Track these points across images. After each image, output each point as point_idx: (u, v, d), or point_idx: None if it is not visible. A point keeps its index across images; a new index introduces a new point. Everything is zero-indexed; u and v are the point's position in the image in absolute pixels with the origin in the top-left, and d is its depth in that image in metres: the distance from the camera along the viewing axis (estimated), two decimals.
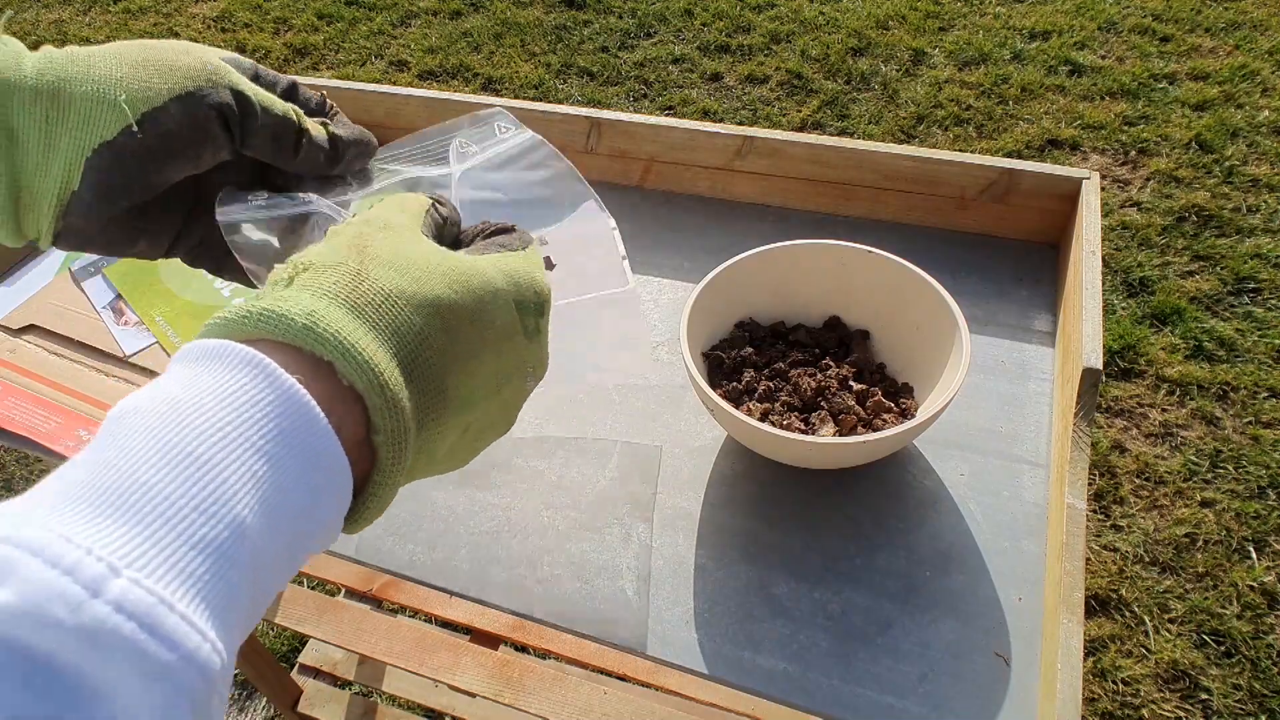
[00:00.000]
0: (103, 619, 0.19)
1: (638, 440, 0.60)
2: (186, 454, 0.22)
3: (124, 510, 0.21)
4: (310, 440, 0.25)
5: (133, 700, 0.19)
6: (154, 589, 0.20)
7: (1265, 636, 1.22)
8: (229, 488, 0.22)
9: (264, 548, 0.23)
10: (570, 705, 0.92)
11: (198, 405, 0.23)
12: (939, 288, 0.55)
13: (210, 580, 0.21)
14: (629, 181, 0.80)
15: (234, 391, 0.24)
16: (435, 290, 0.29)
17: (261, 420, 0.24)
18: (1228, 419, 1.48)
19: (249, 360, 0.24)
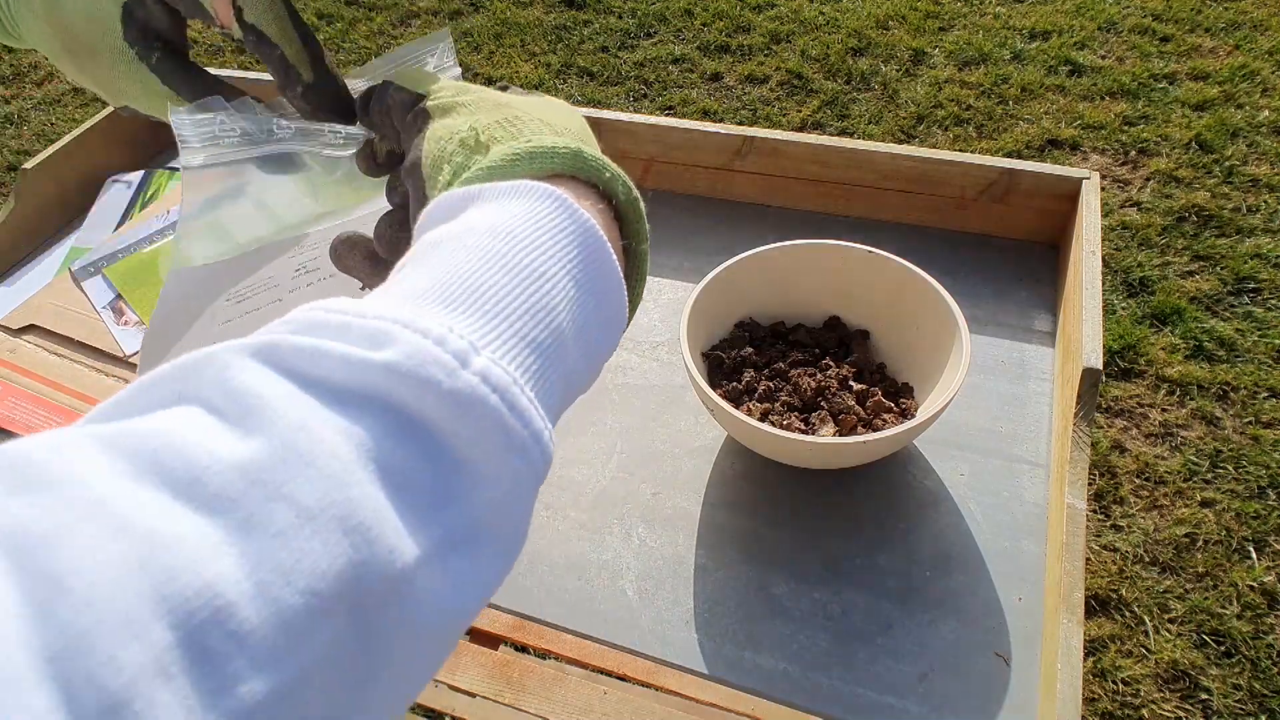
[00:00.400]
0: (473, 387, 0.21)
1: (638, 440, 0.60)
2: (520, 265, 0.24)
3: (472, 306, 0.23)
4: (603, 267, 0.27)
5: (492, 469, 0.21)
6: (509, 370, 0.22)
7: (1265, 636, 1.22)
8: (554, 299, 0.24)
9: (572, 360, 0.25)
10: (570, 705, 0.92)
11: (519, 230, 0.25)
12: (939, 288, 0.55)
13: (538, 376, 0.23)
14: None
15: (545, 218, 0.26)
16: (564, 113, 0.34)
17: (569, 245, 0.26)
18: (1228, 419, 1.48)
19: (549, 194, 0.26)
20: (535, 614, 0.52)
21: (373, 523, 0.18)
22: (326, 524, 0.18)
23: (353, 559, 0.18)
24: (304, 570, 0.17)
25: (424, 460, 0.20)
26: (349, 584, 0.18)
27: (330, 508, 0.18)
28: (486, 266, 0.24)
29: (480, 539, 0.21)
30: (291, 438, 0.18)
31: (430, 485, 0.20)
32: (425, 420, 0.20)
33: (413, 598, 0.19)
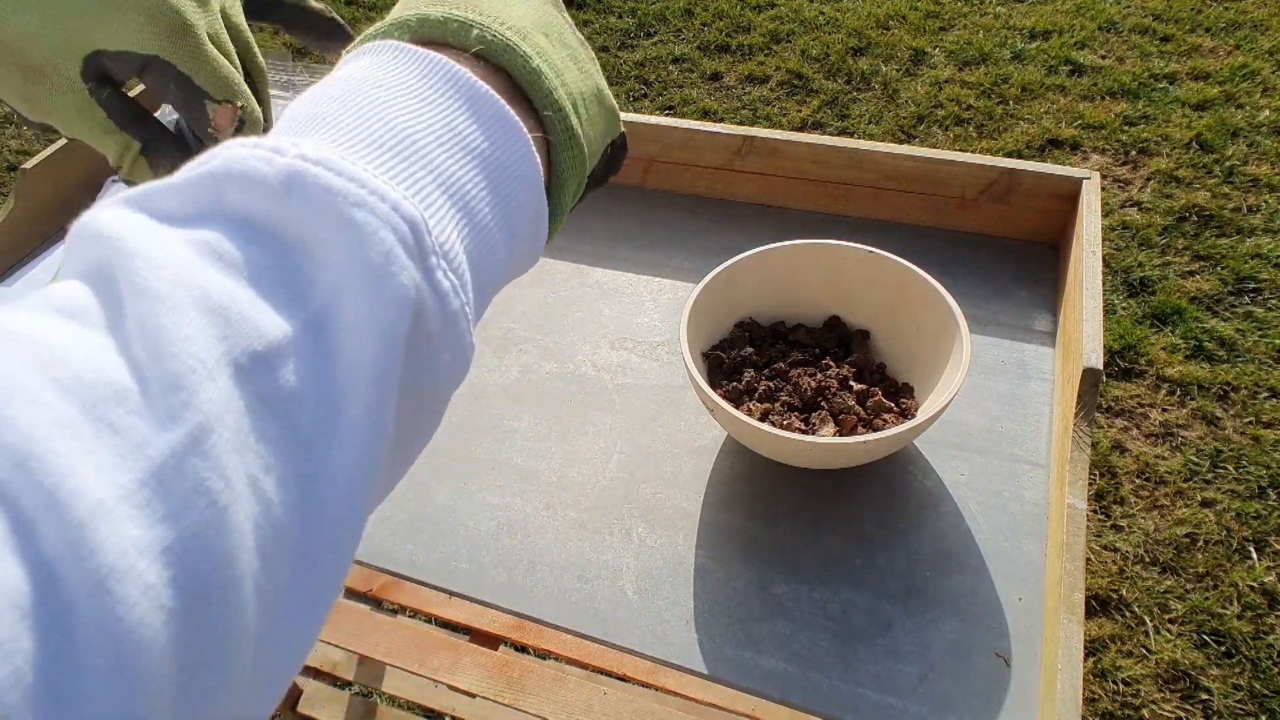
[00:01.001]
0: (292, 165, 0.20)
1: (638, 440, 0.60)
2: (351, 92, 0.24)
3: (310, 129, 0.23)
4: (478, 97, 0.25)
5: (334, 234, 0.20)
6: (333, 150, 0.21)
7: (1265, 637, 1.22)
8: (391, 109, 0.24)
9: (446, 164, 0.24)
10: (570, 705, 0.92)
11: (355, 72, 0.25)
12: (939, 288, 0.55)
13: (396, 163, 0.22)
14: (629, 181, 0.80)
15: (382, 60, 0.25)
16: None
17: (408, 67, 0.25)
18: (1228, 419, 1.48)
19: (388, 46, 0.26)
20: (535, 614, 0.52)
21: (228, 303, 0.19)
22: (179, 305, 0.18)
23: (217, 334, 0.19)
24: (172, 340, 0.18)
25: (271, 255, 0.20)
26: (220, 354, 0.19)
27: (180, 291, 0.19)
28: (319, 103, 0.24)
29: (341, 311, 0.21)
30: (144, 250, 0.19)
31: (283, 277, 0.20)
32: (261, 217, 0.21)
33: (293, 372, 0.20)
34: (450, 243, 0.23)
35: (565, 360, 0.66)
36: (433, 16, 0.27)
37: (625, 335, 0.68)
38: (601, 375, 0.65)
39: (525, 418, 0.62)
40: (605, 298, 0.71)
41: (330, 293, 0.21)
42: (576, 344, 0.67)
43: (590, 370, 0.65)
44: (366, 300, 0.20)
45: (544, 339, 0.68)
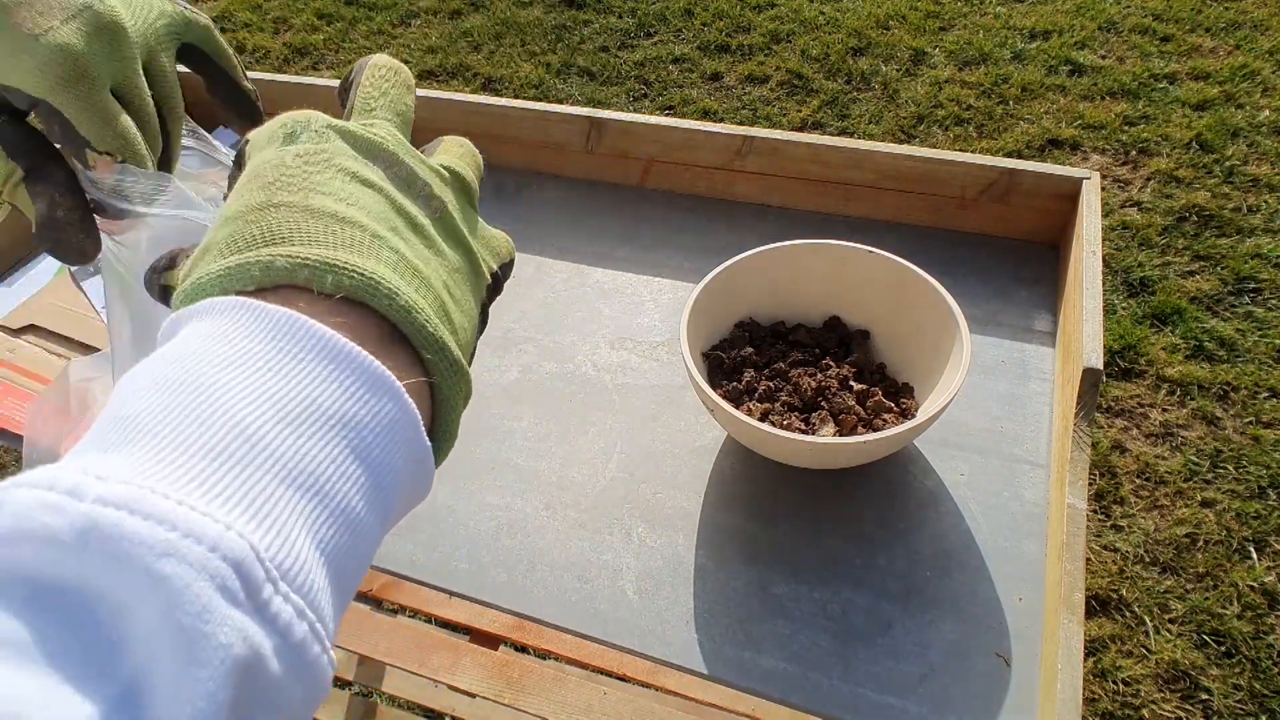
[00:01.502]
0: (87, 514, 0.18)
1: (638, 440, 0.60)
2: (171, 383, 0.21)
3: (108, 442, 0.20)
4: (317, 347, 0.22)
5: (138, 590, 0.18)
6: (143, 484, 0.19)
7: (1265, 637, 1.22)
8: (222, 399, 0.21)
9: (291, 449, 0.21)
10: (570, 705, 0.92)
11: (183, 349, 0.22)
12: (939, 288, 0.55)
13: (211, 474, 0.20)
14: (629, 181, 0.80)
15: (220, 329, 0.23)
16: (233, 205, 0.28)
17: (254, 345, 0.22)
18: (1228, 419, 1.48)
19: (233, 305, 0.23)
20: (535, 614, 0.52)
21: (16, 711, 0.16)
22: None
23: None
24: None
25: (67, 625, 0.18)
26: None
27: None
28: (139, 396, 0.21)
29: (154, 680, 0.18)
30: None
31: (83, 651, 0.17)
32: (53, 578, 0.18)
33: None
34: (296, 556, 0.20)
35: (565, 360, 0.66)
36: (277, 265, 0.24)
37: (625, 335, 0.68)
38: (601, 375, 0.65)
39: (525, 418, 0.62)
40: (605, 298, 0.71)
41: (142, 656, 0.18)
42: (576, 344, 0.67)
43: (590, 370, 0.65)
44: (179, 666, 0.17)
45: (544, 339, 0.68)
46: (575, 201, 0.79)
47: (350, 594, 0.23)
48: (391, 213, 0.27)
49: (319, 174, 0.27)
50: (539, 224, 0.77)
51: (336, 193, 0.26)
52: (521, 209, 0.79)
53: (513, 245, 0.33)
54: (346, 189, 0.27)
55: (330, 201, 0.26)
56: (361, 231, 0.25)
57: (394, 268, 0.25)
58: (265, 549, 0.19)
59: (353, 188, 0.27)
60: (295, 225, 0.25)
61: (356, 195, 0.27)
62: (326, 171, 0.27)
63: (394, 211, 0.27)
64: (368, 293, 0.24)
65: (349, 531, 0.22)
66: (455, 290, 0.28)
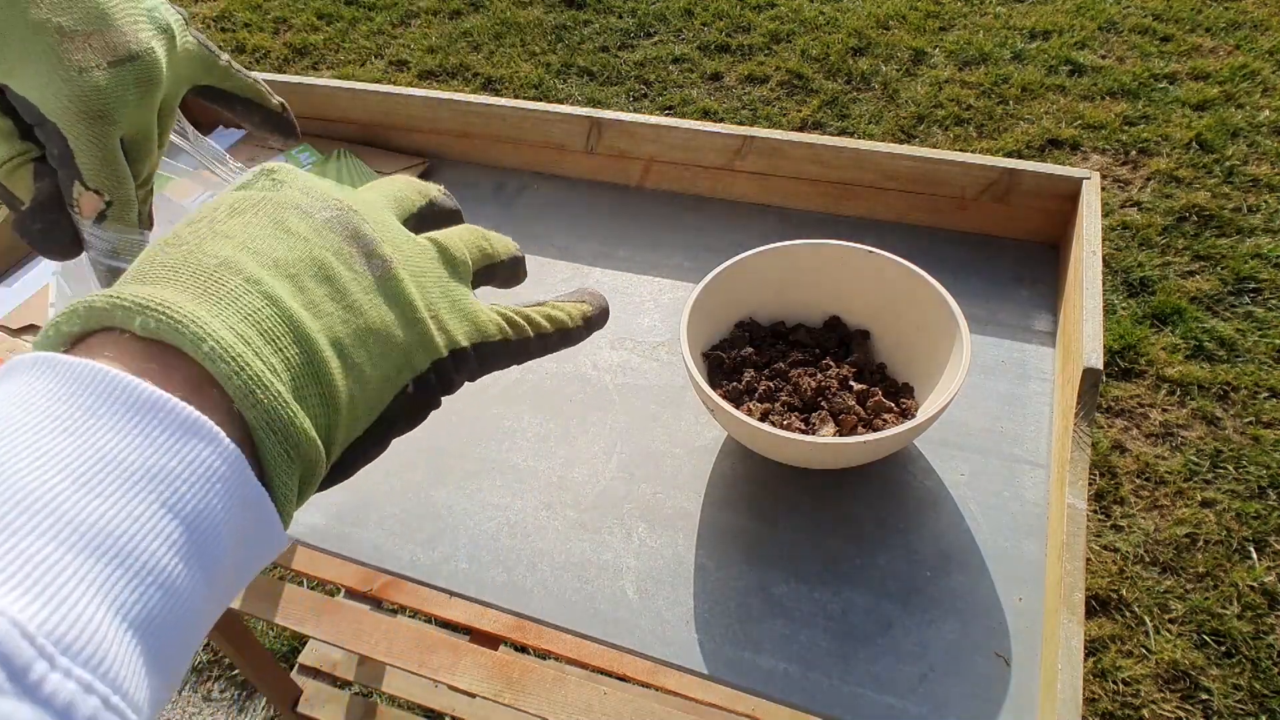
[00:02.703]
0: None
1: (638, 440, 0.60)
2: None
3: None
4: (118, 397, 0.21)
5: None
6: None
7: (1265, 637, 1.22)
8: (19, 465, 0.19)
9: (84, 511, 0.19)
10: (570, 705, 0.92)
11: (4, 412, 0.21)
12: (939, 288, 0.55)
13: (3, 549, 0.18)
14: (629, 181, 0.80)
15: (13, 392, 0.21)
16: (213, 218, 0.27)
17: (46, 404, 0.21)
18: (1228, 419, 1.48)
19: (30, 362, 0.22)
20: (535, 614, 0.52)
21: None
22: None
23: None
24: None
25: None
26: None
27: None
28: None
29: None
30: None
31: None
32: None
33: None
34: (82, 627, 0.18)
35: (565, 360, 0.66)
36: (97, 305, 0.23)
37: (625, 335, 0.68)
38: (601, 375, 0.65)
39: (525, 418, 0.62)
40: (605, 298, 0.71)
41: None
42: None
43: (590, 370, 0.65)
44: None
45: None
46: (575, 201, 0.79)
47: (181, 659, 0.21)
48: (301, 261, 0.26)
49: (240, 218, 0.26)
50: (539, 224, 0.77)
51: (243, 237, 0.25)
52: (521, 209, 0.79)
53: (509, 330, 0.31)
54: (259, 234, 0.26)
55: (228, 246, 0.25)
56: (234, 275, 0.24)
57: (245, 314, 0.24)
58: (37, 623, 0.17)
59: (268, 233, 0.26)
60: (166, 265, 0.24)
61: (266, 241, 0.26)
62: (251, 215, 0.26)
63: (305, 260, 0.26)
64: (173, 334, 0.22)
65: (161, 591, 0.20)
66: (354, 350, 0.26)
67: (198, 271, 0.24)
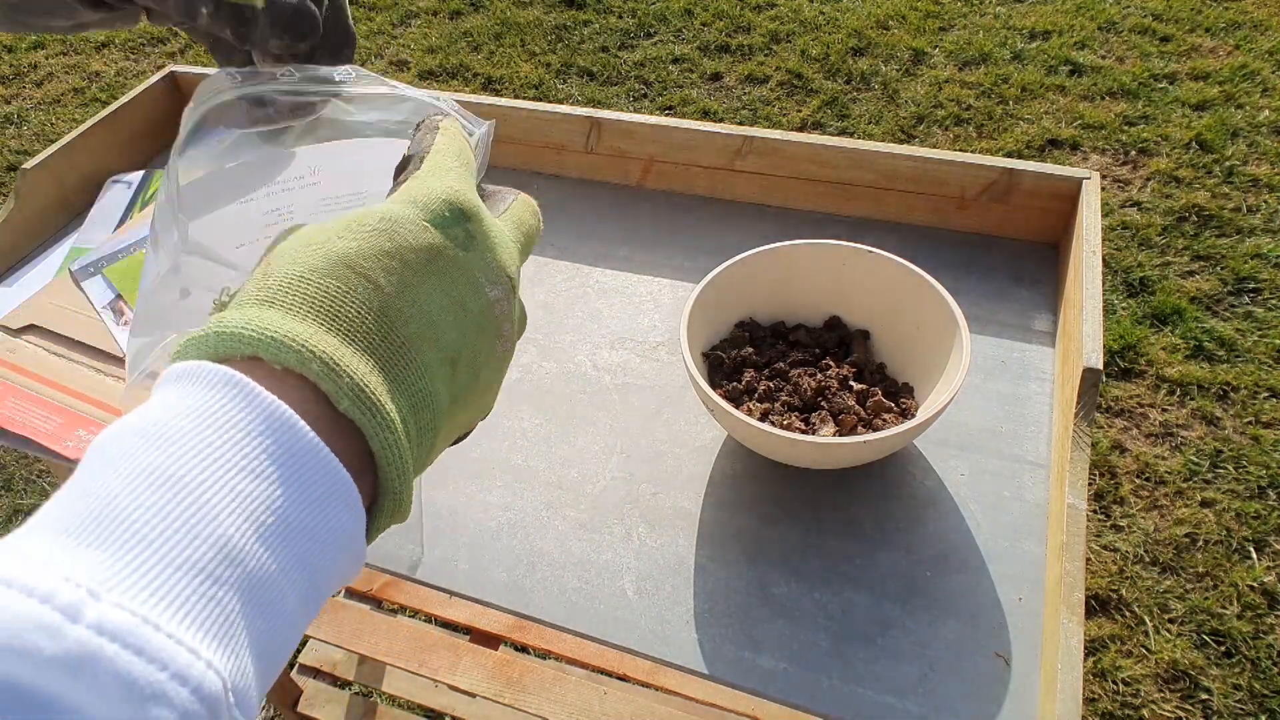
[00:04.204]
0: (83, 644, 0.18)
1: (638, 440, 0.60)
2: (164, 475, 0.21)
3: (102, 536, 0.20)
4: (300, 451, 0.23)
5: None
6: (137, 610, 0.19)
7: (1265, 636, 1.22)
8: (211, 507, 0.21)
9: (261, 567, 0.22)
10: (570, 705, 0.92)
11: (176, 430, 0.22)
12: (939, 288, 0.55)
13: (197, 601, 0.20)
14: (629, 181, 0.80)
15: (212, 410, 0.23)
16: (334, 247, 0.27)
17: (243, 438, 0.23)
18: (1228, 419, 1.48)
19: (223, 379, 0.23)
20: (535, 614, 0.52)
21: None
22: None
23: None
24: None
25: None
26: None
27: None
28: (128, 480, 0.21)
29: None
30: None
31: None
32: (44, 691, 0.18)
33: None
34: (246, 677, 0.21)
35: (565, 360, 0.66)
36: (285, 342, 0.24)
37: (625, 335, 0.68)
38: (601, 375, 0.65)
39: (525, 418, 0.62)
40: (605, 298, 0.71)
41: None
42: (576, 344, 0.67)
43: (590, 370, 0.65)
44: None
45: (544, 339, 0.68)
46: (575, 201, 0.79)
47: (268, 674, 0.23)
48: (463, 347, 0.29)
49: (431, 282, 0.28)
50: None
51: (431, 310, 0.28)
52: None
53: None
54: (443, 309, 0.28)
55: (416, 320, 0.27)
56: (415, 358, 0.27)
57: (414, 401, 0.27)
58: (230, 679, 0.20)
59: (449, 311, 0.28)
60: (363, 320, 0.26)
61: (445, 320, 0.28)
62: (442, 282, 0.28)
63: (467, 348, 0.29)
64: (362, 413, 0.25)
65: (281, 630, 0.23)
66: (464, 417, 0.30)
67: (389, 343, 0.27)
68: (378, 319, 0.26)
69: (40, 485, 1.58)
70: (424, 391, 0.27)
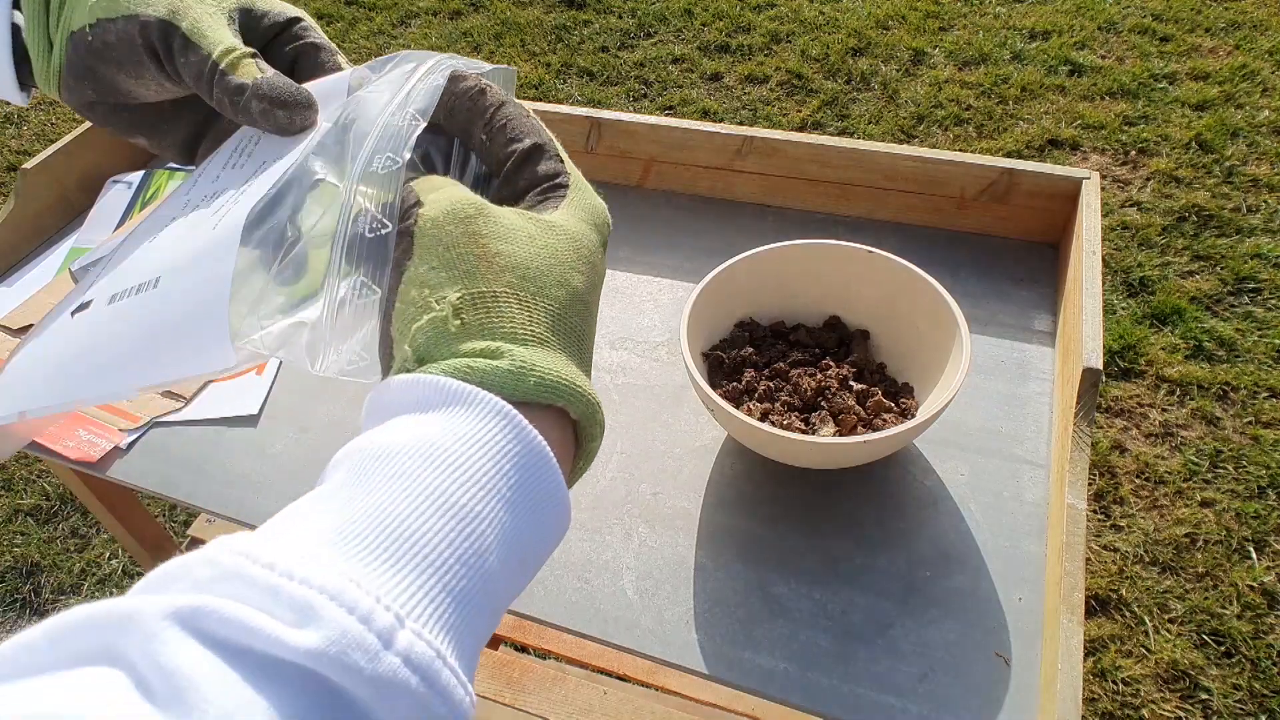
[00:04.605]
0: (395, 670, 0.21)
1: (638, 440, 0.60)
2: (451, 503, 0.24)
3: (399, 558, 0.22)
4: (546, 488, 0.27)
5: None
6: (433, 643, 0.22)
7: (1265, 636, 1.22)
8: (484, 539, 0.24)
9: (500, 591, 0.25)
10: (570, 705, 0.92)
11: (458, 453, 0.25)
12: (939, 288, 0.55)
13: (464, 631, 0.23)
14: (629, 181, 0.80)
15: (488, 441, 0.25)
16: (573, 283, 0.31)
17: (510, 471, 0.26)
18: (1228, 419, 1.48)
19: (500, 411, 0.26)
20: (535, 614, 0.52)
21: None
22: None
23: None
24: None
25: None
26: None
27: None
28: (420, 507, 0.24)
29: None
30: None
31: None
32: (353, 699, 0.21)
33: None
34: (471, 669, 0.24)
35: None
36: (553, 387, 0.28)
37: (625, 335, 0.68)
38: (601, 375, 0.65)
39: None
40: (605, 298, 0.71)
41: None
42: None
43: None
44: None
45: None
46: None
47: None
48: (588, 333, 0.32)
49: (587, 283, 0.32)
50: None
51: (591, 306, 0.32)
52: None
53: None
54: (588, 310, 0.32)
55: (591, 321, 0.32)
56: (589, 355, 0.31)
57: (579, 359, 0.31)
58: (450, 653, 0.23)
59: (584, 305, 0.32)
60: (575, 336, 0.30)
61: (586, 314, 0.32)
62: (592, 280, 0.32)
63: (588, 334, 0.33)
64: (591, 421, 0.30)
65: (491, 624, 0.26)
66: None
67: (587, 345, 0.31)
68: (589, 332, 0.31)
69: (40, 485, 1.58)
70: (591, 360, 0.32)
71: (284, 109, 0.33)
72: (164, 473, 0.62)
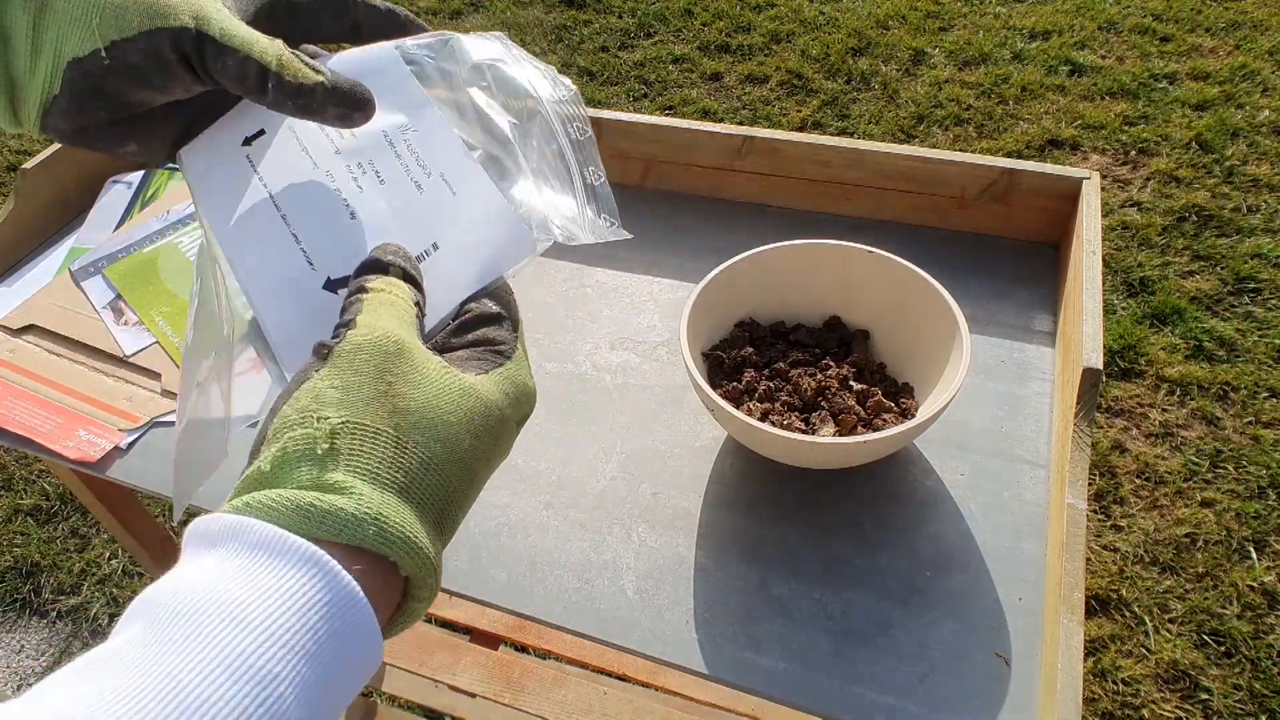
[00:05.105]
0: None
1: (638, 440, 0.60)
2: (248, 667, 0.23)
3: None
4: (358, 637, 0.26)
5: None
6: None
7: (1265, 636, 1.22)
8: (283, 701, 0.23)
9: None
10: (570, 705, 0.92)
11: (262, 611, 0.24)
12: (939, 288, 0.55)
13: None
14: (629, 181, 0.80)
15: (296, 594, 0.25)
16: (463, 445, 0.31)
17: (318, 623, 0.25)
18: (1228, 419, 1.48)
19: (313, 559, 0.25)
20: (535, 614, 0.52)
21: None
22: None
23: None
24: None
25: None
26: None
27: None
28: (214, 675, 0.23)
29: None
30: None
31: None
32: None
33: None
34: None
35: (565, 360, 0.66)
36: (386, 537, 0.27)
37: (625, 335, 0.68)
38: (601, 375, 0.65)
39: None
40: (605, 298, 0.71)
41: None
42: (576, 344, 0.67)
43: (590, 370, 0.65)
44: None
45: (544, 339, 0.68)
46: None
47: None
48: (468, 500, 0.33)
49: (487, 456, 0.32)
50: None
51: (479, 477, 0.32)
52: None
53: None
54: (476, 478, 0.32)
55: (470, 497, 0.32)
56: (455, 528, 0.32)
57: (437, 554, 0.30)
58: None
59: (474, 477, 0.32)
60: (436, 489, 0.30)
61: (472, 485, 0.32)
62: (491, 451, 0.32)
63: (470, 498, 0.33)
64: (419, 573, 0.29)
65: None
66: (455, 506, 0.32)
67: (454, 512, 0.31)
68: (463, 500, 0.31)
69: (40, 485, 1.58)
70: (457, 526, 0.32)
71: (360, 110, 0.36)
72: (164, 473, 0.62)
